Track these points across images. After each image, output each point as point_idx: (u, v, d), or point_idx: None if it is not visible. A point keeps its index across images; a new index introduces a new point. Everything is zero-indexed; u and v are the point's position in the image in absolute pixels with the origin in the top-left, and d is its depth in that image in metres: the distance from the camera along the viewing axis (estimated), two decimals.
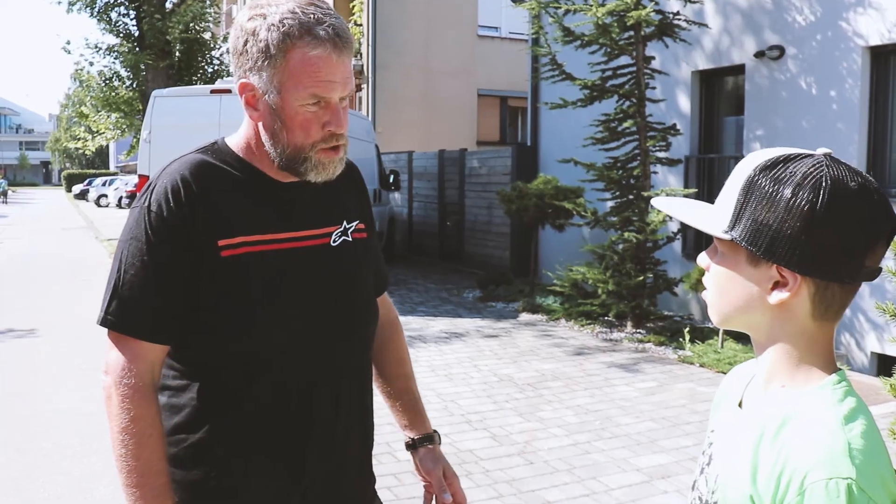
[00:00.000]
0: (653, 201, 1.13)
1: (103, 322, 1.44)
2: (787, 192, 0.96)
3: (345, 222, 1.60)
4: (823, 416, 0.96)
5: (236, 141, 1.53)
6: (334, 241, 1.56)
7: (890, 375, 4.28)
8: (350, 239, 1.60)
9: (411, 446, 1.78)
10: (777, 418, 1.00)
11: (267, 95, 1.41)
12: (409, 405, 1.79)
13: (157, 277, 1.41)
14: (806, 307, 1.00)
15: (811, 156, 0.99)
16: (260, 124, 1.47)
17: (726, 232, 1.03)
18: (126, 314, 1.42)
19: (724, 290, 1.07)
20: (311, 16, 1.38)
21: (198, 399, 1.47)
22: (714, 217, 1.06)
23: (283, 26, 1.36)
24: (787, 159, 0.99)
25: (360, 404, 1.60)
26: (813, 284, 0.99)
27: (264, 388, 1.46)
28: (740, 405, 1.12)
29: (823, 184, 0.95)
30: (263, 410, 1.47)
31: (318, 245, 1.54)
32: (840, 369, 1.03)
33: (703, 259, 1.11)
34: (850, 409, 0.97)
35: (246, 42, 1.40)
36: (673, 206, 1.12)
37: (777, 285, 1.01)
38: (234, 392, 1.46)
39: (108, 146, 54.53)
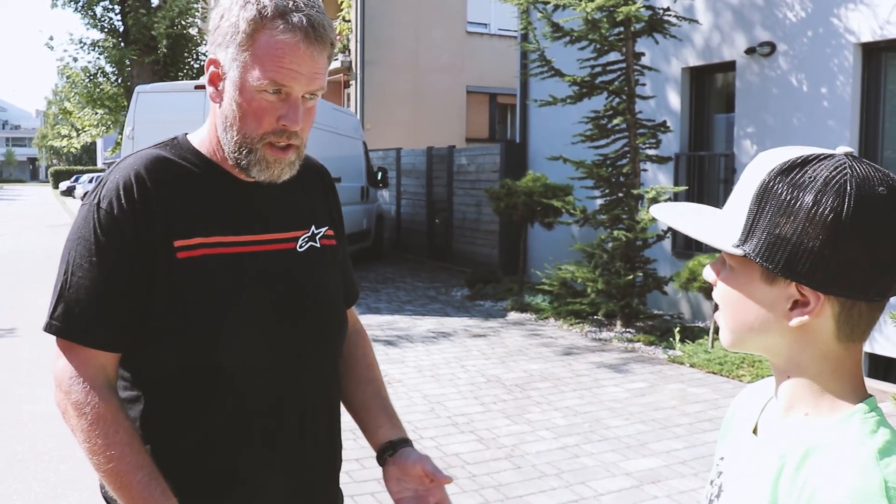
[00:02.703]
0: (651, 209, 1.01)
1: (49, 328, 1.34)
2: (808, 199, 0.85)
3: (313, 227, 1.49)
4: (854, 450, 0.84)
5: (199, 137, 1.44)
6: (301, 247, 1.45)
7: (883, 377, 4.21)
8: (318, 245, 1.49)
9: (390, 449, 1.52)
10: (799, 450, 0.89)
11: (229, 73, 1.33)
12: (381, 408, 1.58)
13: (107, 281, 1.31)
14: (829, 328, 0.89)
15: (832, 156, 0.88)
16: (217, 107, 1.38)
17: (737, 246, 0.91)
18: (74, 320, 1.32)
19: (734, 310, 0.95)
20: (291, 2, 1.30)
21: (148, 413, 1.36)
22: (722, 228, 0.94)
23: (258, 4, 1.29)
24: (806, 161, 0.87)
25: (328, 422, 1.49)
26: (837, 304, 0.88)
27: (222, 405, 1.35)
28: (755, 432, 1.01)
29: (848, 189, 0.84)
30: (221, 429, 1.36)
31: (283, 249, 1.43)
32: (870, 395, 0.92)
33: (708, 273, 0.99)
34: (885, 441, 0.85)
35: (221, 17, 1.34)
36: (674, 215, 0.99)
37: (796, 305, 0.89)
38: (189, 407, 1.35)
39: (94, 143, 54.13)
